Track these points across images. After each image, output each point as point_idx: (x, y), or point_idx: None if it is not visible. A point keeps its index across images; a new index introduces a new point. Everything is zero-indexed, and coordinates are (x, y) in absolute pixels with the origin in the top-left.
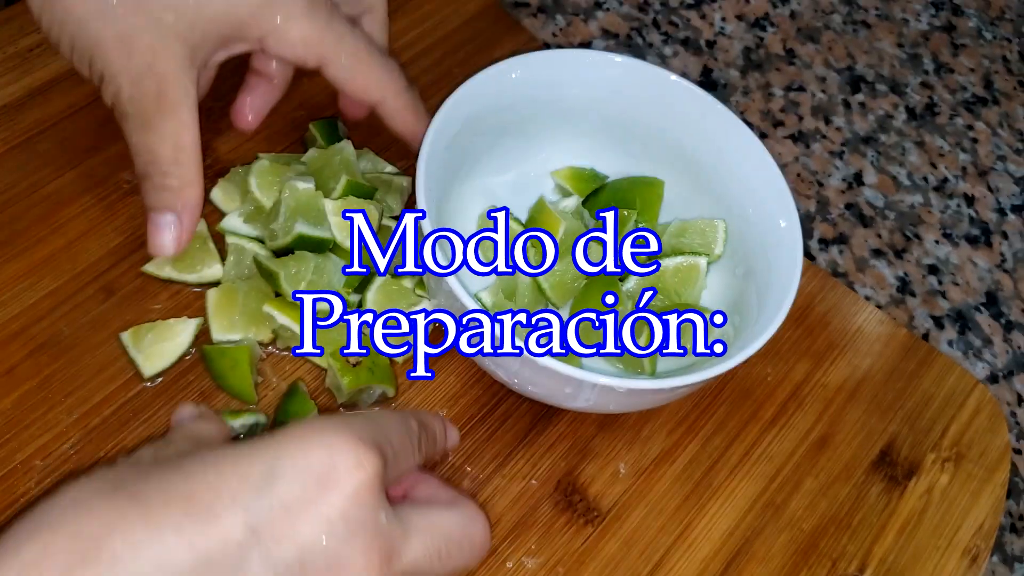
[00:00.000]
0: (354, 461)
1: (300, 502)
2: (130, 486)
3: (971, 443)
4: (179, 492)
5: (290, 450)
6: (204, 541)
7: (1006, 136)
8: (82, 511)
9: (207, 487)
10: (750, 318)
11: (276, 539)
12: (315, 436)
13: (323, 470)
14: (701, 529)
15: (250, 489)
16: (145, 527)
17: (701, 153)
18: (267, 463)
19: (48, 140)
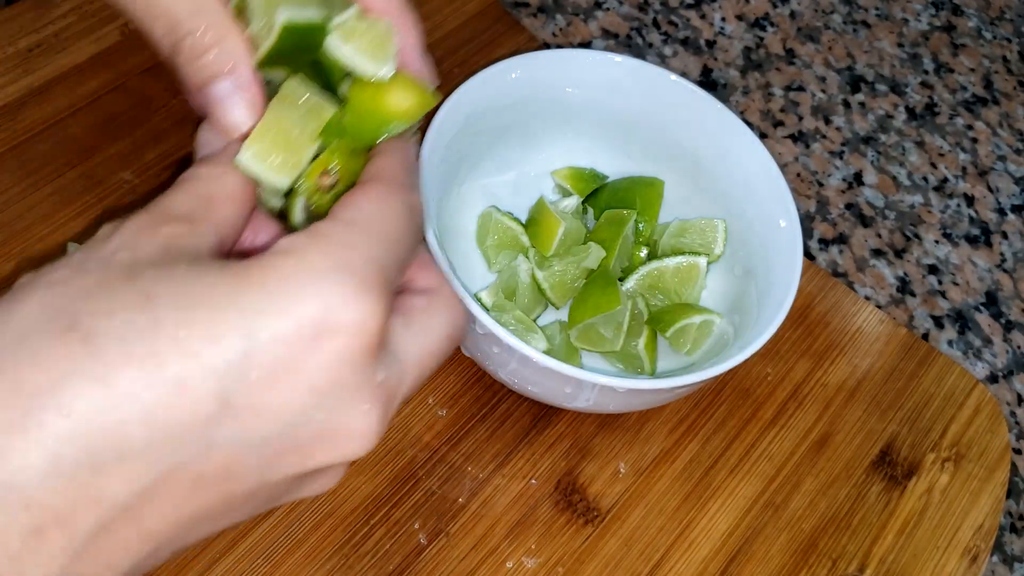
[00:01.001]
0: (351, 318)
1: (283, 368)
2: (88, 321)
3: (971, 443)
4: (142, 348)
5: (277, 302)
6: (165, 413)
7: (1006, 136)
8: (28, 354)
9: (176, 346)
10: (750, 318)
11: (252, 412)
12: (310, 283)
13: (312, 328)
14: (701, 529)
15: (224, 354)
16: (98, 389)
17: (701, 153)
18: (248, 318)
19: (48, 140)
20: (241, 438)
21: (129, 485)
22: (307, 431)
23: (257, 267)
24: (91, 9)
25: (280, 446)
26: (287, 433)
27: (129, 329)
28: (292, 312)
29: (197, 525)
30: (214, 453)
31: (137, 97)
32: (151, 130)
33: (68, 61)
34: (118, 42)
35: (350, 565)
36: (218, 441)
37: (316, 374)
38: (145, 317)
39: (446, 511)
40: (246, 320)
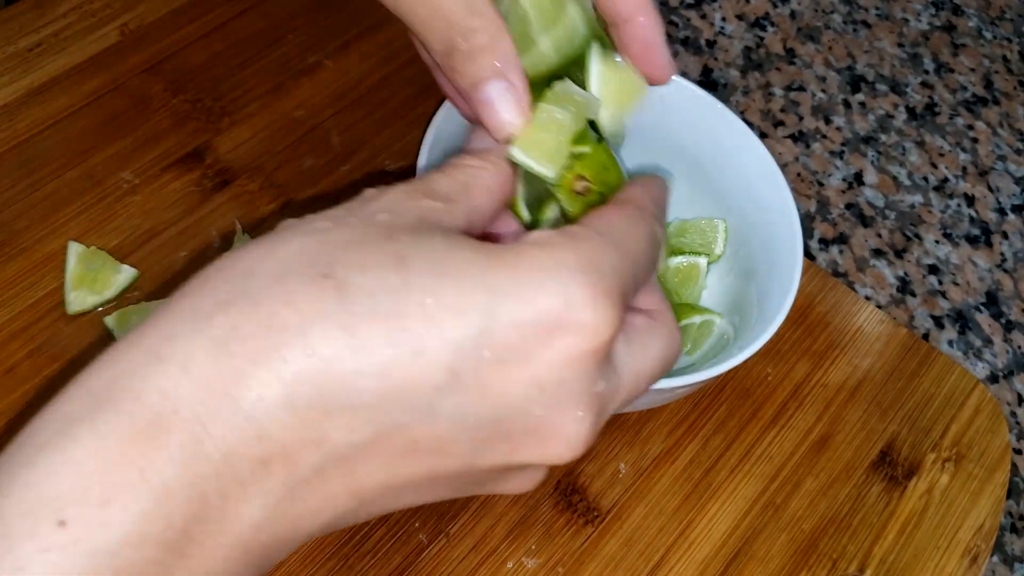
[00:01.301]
0: (589, 320)
1: (514, 354)
2: (342, 271)
3: (971, 443)
4: (389, 306)
5: (522, 288)
6: (398, 374)
7: (1006, 136)
8: (281, 292)
9: (421, 311)
10: (750, 318)
11: (478, 391)
12: (555, 276)
13: (551, 322)
14: (701, 529)
15: (465, 328)
16: (341, 337)
17: (701, 153)
18: (492, 299)
19: (48, 140)
20: (462, 413)
21: (351, 435)
22: (522, 423)
23: (510, 252)
24: (91, 9)
25: (493, 431)
26: (503, 420)
27: (380, 286)
28: (536, 301)
29: (398, 493)
30: (434, 422)
31: (136, 97)
32: (150, 130)
33: (67, 61)
34: (117, 42)
35: (350, 565)
36: (440, 411)
37: (544, 367)
38: (397, 277)
39: (446, 511)
40: (490, 299)
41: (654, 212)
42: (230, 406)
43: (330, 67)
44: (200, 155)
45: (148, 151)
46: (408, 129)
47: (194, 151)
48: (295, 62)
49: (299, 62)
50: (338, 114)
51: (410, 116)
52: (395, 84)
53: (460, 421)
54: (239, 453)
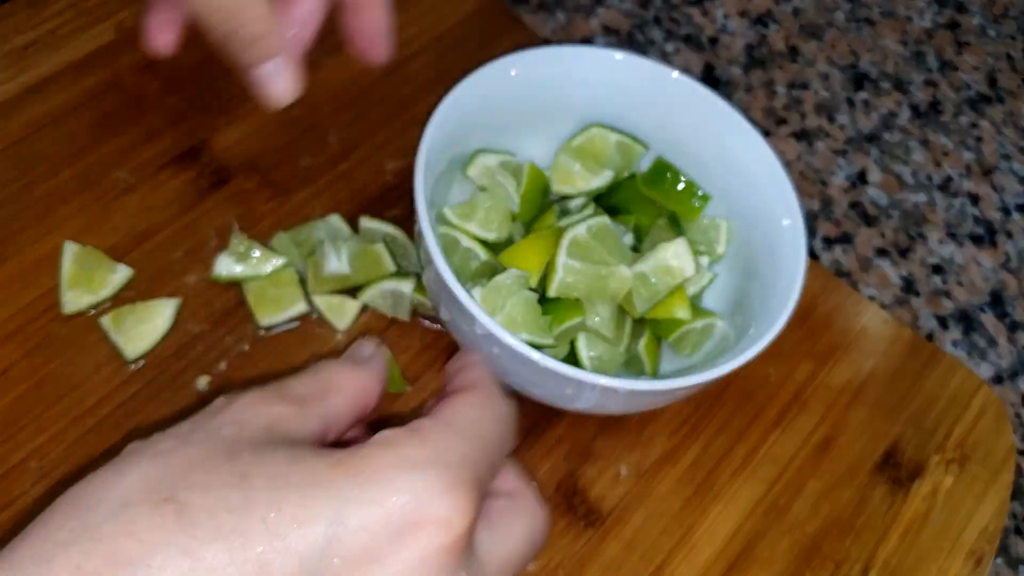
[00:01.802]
0: (442, 513)
1: (368, 558)
2: (184, 494)
3: (976, 444)
4: (232, 525)
5: (369, 490)
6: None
7: (1011, 134)
8: (125, 523)
9: (264, 527)
10: (753, 318)
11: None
12: (403, 474)
13: (402, 520)
14: (703, 532)
15: (311, 539)
16: (186, 564)
17: (703, 151)
18: (337, 504)
19: (44, 139)
20: None
21: None
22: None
23: (355, 455)
24: (86, 7)
25: None
26: None
27: (222, 506)
28: (383, 501)
29: None
30: None
31: (132, 95)
32: (147, 128)
33: (63, 59)
34: (113, 40)
35: None
36: None
37: (400, 568)
38: (239, 495)
39: None
40: (335, 506)
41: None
42: None
43: (328, 64)
44: (196, 153)
45: (144, 149)
46: (406, 127)
47: (190, 149)
48: None
49: None
50: (336, 112)
51: (408, 114)
52: (393, 82)
53: None
54: None
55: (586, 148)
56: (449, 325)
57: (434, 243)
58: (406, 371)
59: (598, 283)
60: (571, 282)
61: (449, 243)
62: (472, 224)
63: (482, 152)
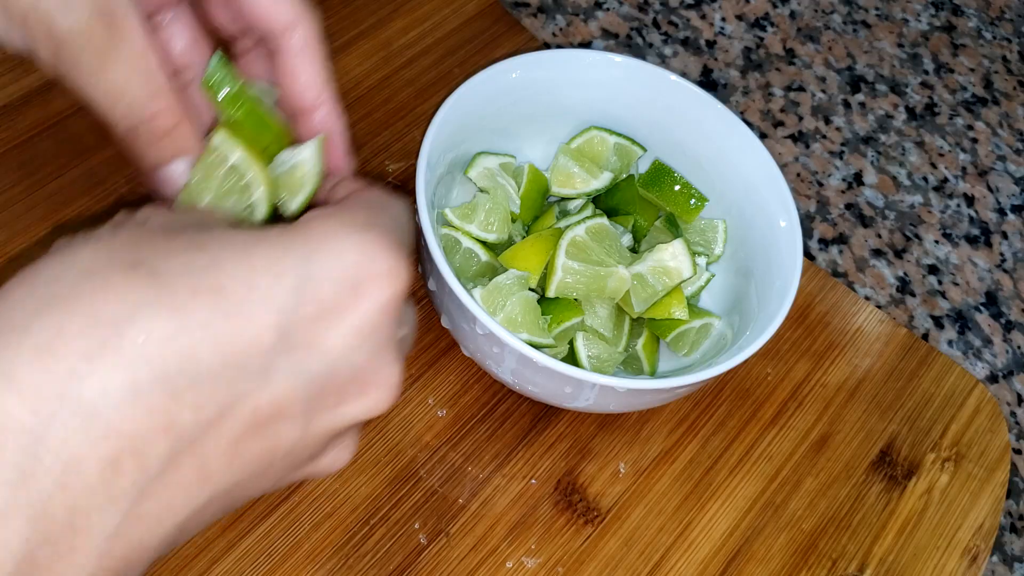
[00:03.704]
0: (388, 269)
1: (332, 309)
2: (150, 262)
3: (971, 443)
4: (207, 282)
5: (325, 249)
6: (232, 341)
7: (1006, 136)
8: (98, 287)
9: (238, 281)
10: (750, 318)
11: (305, 347)
12: (348, 236)
13: (357, 276)
14: (701, 529)
15: (284, 290)
16: (171, 317)
17: (701, 153)
18: (301, 261)
19: (48, 140)
20: (295, 371)
21: (198, 414)
22: (345, 372)
23: (299, 226)
24: None
25: (324, 385)
26: (330, 371)
27: (191, 267)
28: (340, 256)
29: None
30: (271, 384)
31: None
32: None
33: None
34: None
35: (350, 565)
36: (275, 372)
37: (360, 317)
38: (205, 257)
39: (446, 511)
40: (302, 262)
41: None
42: (67, 408)
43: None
44: None
45: None
46: (408, 129)
47: None
48: None
49: None
50: None
51: (410, 116)
52: (395, 84)
53: (295, 379)
54: (83, 457)
55: (585, 150)
56: (450, 325)
57: (435, 244)
58: None
59: (597, 283)
60: (570, 282)
61: (450, 244)
62: (473, 225)
63: (483, 154)
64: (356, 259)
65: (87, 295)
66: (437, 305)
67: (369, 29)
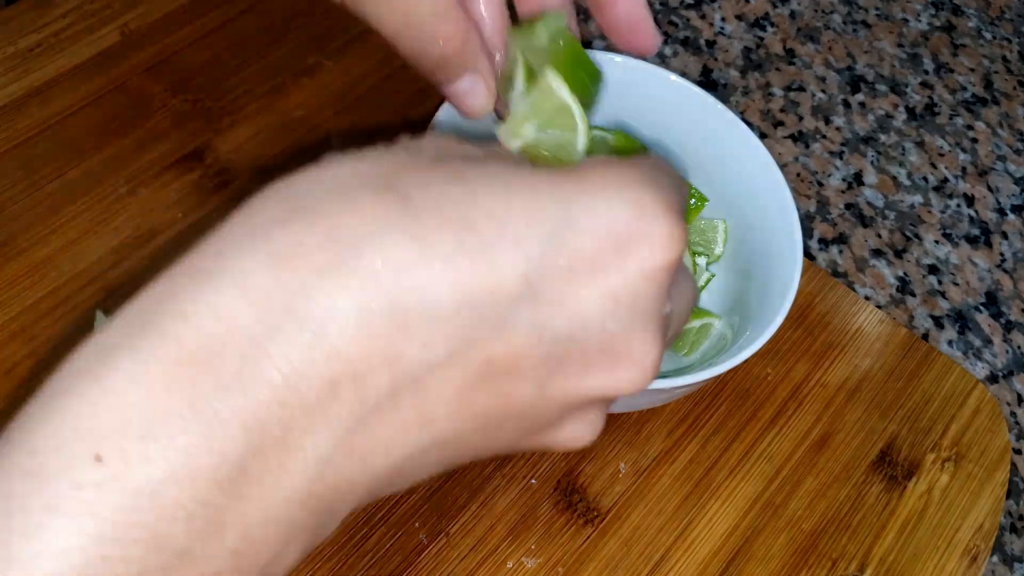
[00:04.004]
0: (666, 233)
1: (590, 265)
2: (404, 187)
3: (971, 443)
4: (458, 214)
5: (593, 197)
6: (473, 283)
7: (1006, 136)
8: (345, 203)
9: (491, 219)
10: (750, 318)
11: (552, 302)
12: (625, 188)
13: (626, 233)
14: (701, 529)
15: (538, 235)
16: (412, 246)
17: (701, 153)
18: (563, 206)
19: (48, 140)
20: (539, 326)
21: (426, 352)
22: (594, 340)
23: (574, 170)
24: (91, 9)
25: (568, 347)
26: (576, 335)
27: (446, 199)
28: (610, 210)
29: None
30: (510, 337)
31: (137, 97)
32: (151, 130)
33: (68, 61)
34: (118, 42)
35: (350, 565)
36: (517, 324)
37: (620, 280)
38: (461, 190)
39: (446, 511)
40: (563, 208)
41: None
42: (294, 323)
43: (330, 67)
44: (200, 155)
45: (148, 151)
46: (409, 129)
47: (194, 151)
48: (295, 62)
49: (299, 62)
50: (338, 114)
51: (411, 116)
52: (395, 84)
53: (536, 335)
54: (304, 375)
55: None
56: None
57: None
58: None
59: None
60: None
61: None
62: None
63: None
64: (628, 215)
65: (333, 211)
66: None
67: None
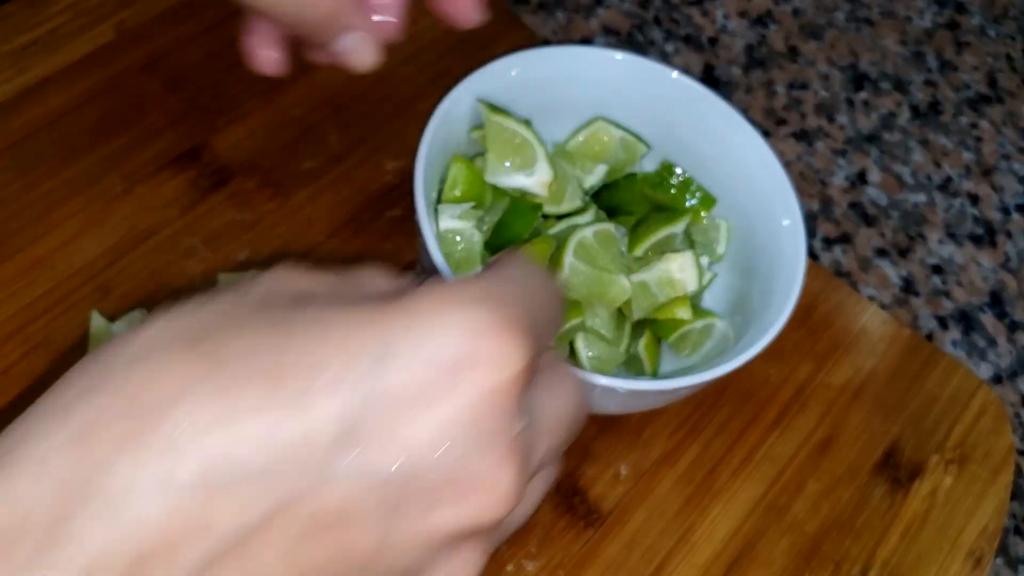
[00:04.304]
0: (500, 352)
1: (418, 397)
2: (214, 341)
3: (975, 444)
4: (268, 363)
5: (418, 322)
6: (284, 435)
7: (1010, 134)
8: (150, 368)
9: (303, 362)
10: (752, 318)
11: (379, 442)
12: (455, 310)
13: (457, 357)
14: (703, 532)
15: (355, 375)
16: (217, 404)
17: (703, 151)
18: (383, 340)
19: (43, 139)
20: (364, 471)
21: (240, 515)
22: (434, 474)
23: (402, 296)
24: (86, 7)
25: (403, 488)
26: (412, 472)
27: (257, 349)
28: (433, 336)
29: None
30: (332, 485)
31: (132, 95)
32: (146, 128)
33: (63, 59)
34: (112, 40)
35: None
36: (337, 473)
37: (451, 409)
38: (277, 336)
39: None
40: (382, 341)
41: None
42: (95, 501)
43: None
44: (196, 154)
45: (144, 150)
46: (406, 127)
47: (190, 150)
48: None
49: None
50: (336, 112)
51: (409, 114)
52: (393, 82)
53: (364, 480)
54: (107, 553)
55: (584, 147)
56: None
57: (435, 244)
58: None
59: (598, 288)
60: (574, 283)
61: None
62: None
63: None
64: (456, 339)
65: (137, 377)
66: None
67: None
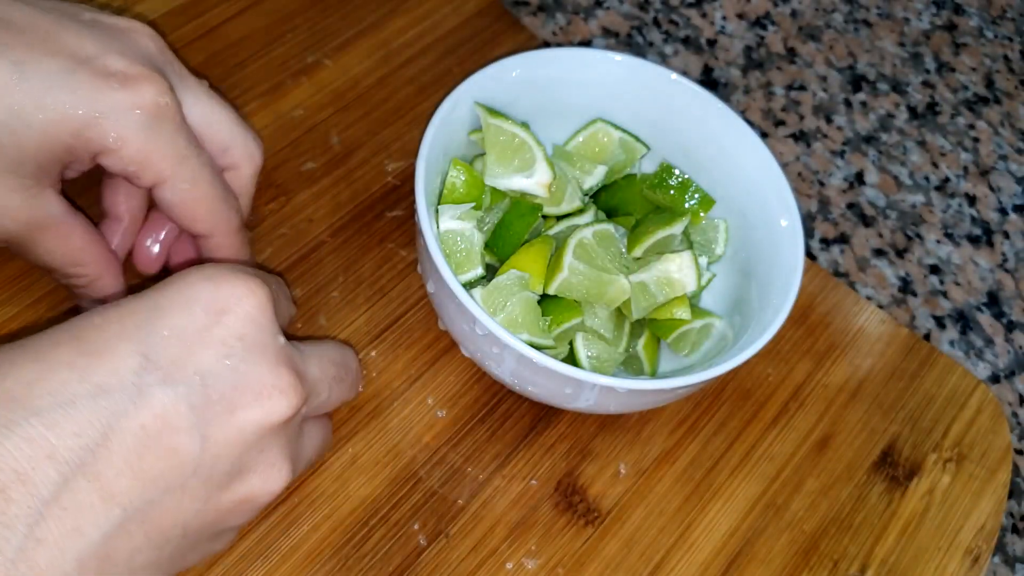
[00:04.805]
0: (243, 288)
1: (193, 330)
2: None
3: (973, 443)
4: (65, 335)
5: (173, 286)
6: (98, 372)
7: (1008, 135)
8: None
9: (93, 328)
10: (751, 318)
11: (175, 365)
12: (196, 272)
13: (211, 300)
14: (702, 530)
15: (137, 324)
16: (36, 366)
17: (702, 152)
18: (151, 301)
19: None
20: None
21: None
22: (227, 380)
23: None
24: None
25: (206, 394)
26: (208, 383)
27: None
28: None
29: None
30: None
31: None
32: None
33: None
34: None
35: (349, 567)
36: (148, 389)
37: (223, 331)
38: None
39: (446, 512)
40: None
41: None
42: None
43: (329, 67)
44: None
45: None
46: (408, 128)
47: None
48: (294, 62)
49: (298, 62)
50: (337, 113)
51: (410, 115)
52: (395, 83)
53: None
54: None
55: (584, 148)
56: (450, 325)
57: (435, 243)
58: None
59: (598, 288)
60: (573, 283)
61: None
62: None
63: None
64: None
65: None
66: (436, 307)
67: (368, 28)
